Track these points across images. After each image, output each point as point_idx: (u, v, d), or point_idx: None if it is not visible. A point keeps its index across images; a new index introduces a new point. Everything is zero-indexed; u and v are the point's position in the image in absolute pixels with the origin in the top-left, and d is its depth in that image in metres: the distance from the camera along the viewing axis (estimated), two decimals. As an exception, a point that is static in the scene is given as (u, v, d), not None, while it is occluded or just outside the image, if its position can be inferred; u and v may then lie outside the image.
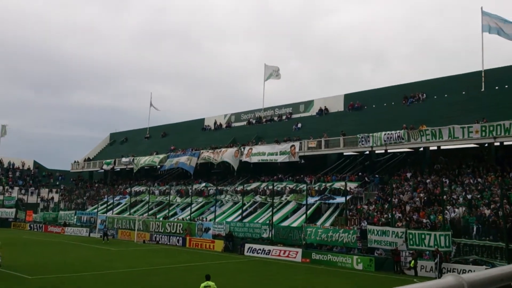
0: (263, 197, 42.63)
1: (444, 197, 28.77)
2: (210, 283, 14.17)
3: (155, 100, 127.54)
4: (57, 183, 75.43)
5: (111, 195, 55.23)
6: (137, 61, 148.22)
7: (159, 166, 56.54)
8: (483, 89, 37.79)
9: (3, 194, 65.56)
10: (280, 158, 44.46)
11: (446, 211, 28.11)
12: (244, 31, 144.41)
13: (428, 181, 34.08)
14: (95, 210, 53.44)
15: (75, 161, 74.41)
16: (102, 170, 68.11)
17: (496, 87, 37.68)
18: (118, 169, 65.09)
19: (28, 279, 21.25)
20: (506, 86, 37.35)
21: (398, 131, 36.11)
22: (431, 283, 1.84)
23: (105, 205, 54.37)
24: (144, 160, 58.23)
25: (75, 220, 53.28)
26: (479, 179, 31.78)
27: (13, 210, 60.73)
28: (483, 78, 37.68)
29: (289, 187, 41.60)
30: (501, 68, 38.23)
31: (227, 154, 48.63)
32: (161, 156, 56.41)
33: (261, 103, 57.00)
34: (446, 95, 40.45)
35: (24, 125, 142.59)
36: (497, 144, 33.18)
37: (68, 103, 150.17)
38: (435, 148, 38.09)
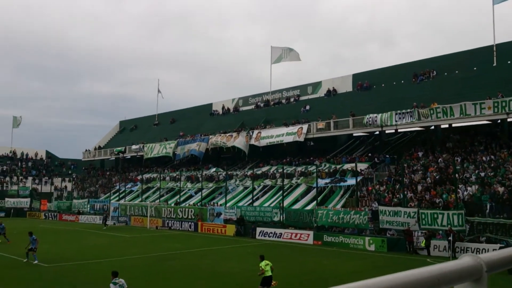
0: (273, 180, 42.65)
1: (457, 175, 28.49)
2: (267, 261, 14.54)
3: (162, 87, 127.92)
4: (70, 172, 76.21)
5: (122, 183, 55.67)
6: (143, 49, 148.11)
7: (172, 156, 56.63)
8: (495, 64, 37.10)
9: (18, 184, 66.47)
10: (286, 139, 44.30)
11: (458, 190, 27.88)
12: (249, 14, 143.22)
13: (440, 159, 33.76)
14: (108, 198, 53.95)
15: (86, 150, 75.00)
16: (113, 158, 68.59)
17: (509, 61, 36.91)
18: (129, 157, 65.47)
19: (45, 267, 21.57)
20: (519, 61, 36.62)
21: (408, 110, 35.70)
22: (449, 264, 1.79)
23: (117, 193, 54.87)
24: (157, 150, 58.35)
25: (88, 208, 53.90)
26: (492, 156, 31.40)
27: (28, 199, 61.62)
28: (494, 52, 36.96)
29: (299, 170, 41.54)
30: (513, 42, 37.45)
31: (239, 141, 48.50)
32: (172, 144, 56.48)
33: (269, 86, 56.71)
34: (457, 71, 39.79)
35: (34, 115, 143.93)
36: (510, 120, 32.69)
37: (77, 92, 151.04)
38: (447, 126, 37.62)
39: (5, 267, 21.68)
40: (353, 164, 35.17)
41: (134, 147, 62.23)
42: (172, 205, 46.09)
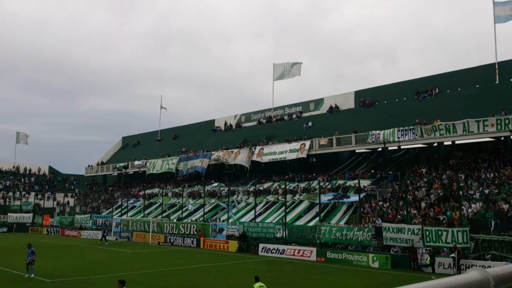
0: (275, 196, 42.56)
1: (460, 192, 28.41)
2: (262, 283, 14.37)
3: (165, 103, 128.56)
4: (72, 187, 76.20)
5: (125, 198, 55.62)
6: (147, 65, 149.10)
7: (175, 173, 56.60)
8: (497, 82, 37.30)
9: (20, 199, 66.41)
10: (289, 156, 44.35)
11: (462, 207, 27.77)
12: (251, 32, 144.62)
13: (443, 176, 33.70)
14: (110, 214, 53.80)
15: (89, 165, 75.08)
16: (116, 174, 68.60)
17: (511, 79, 37.13)
18: (131, 172, 65.53)
19: (47, 282, 21.48)
20: (521, 78, 36.81)
21: (411, 127, 35.78)
22: (456, 278, 1.77)
23: (119, 208, 54.78)
24: (159, 166, 58.38)
25: (90, 223, 53.75)
26: (496, 173, 31.34)
27: (31, 215, 61.45)
28: (496, 70, 37.19)
29: (301, 186, 41.47)
30: (515, 60, 37.69)
31: (241, 157, 48.56)
32: (175, 160, 56.54)
33: (271, 102, 56.96)
34: (459, 89, 39.96)
35: (38, 131, 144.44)
36: (513, 137, 32.68)
37: (80, 109, 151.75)
38: (450, 143, 37.65)
39: (7, 282, 21.59)
40: (356, 181, 35.12)
41: (136, 162, 62.33)
42: (174, 220, 45.94)
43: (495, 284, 1.84)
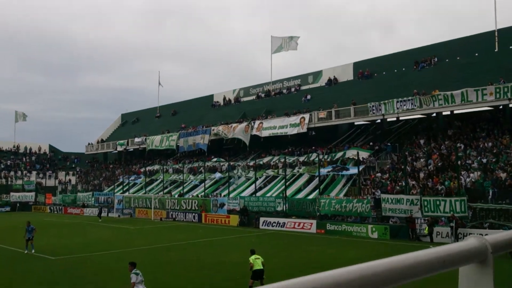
0: (275, 170, 42.75)
1: (459, 162, 28.53)
2: (257, 256, 14.56)
3: (164, 79, 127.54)
4: (73, 165, 76.48)
5: (126, 175, 55.87)
6: (144, 41, 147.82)
7: (176, 149, 56.71)
8: (496, 49, 36.93)
9: (22, 178, 66.80)
10: (290, 131, 44.35)
11: (461, 177, 27.93)
12: (248, 5, 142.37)
13: (442, 147, 33.77)
14: (112, 191, 54.22)
15: (89, 143, 75.20)
16: (116, 151, 68.80)
17: (511, 47, 36.74)
18: (131, 149, 65.67)
19: (52, 260, 21.79)
20: (520, 46, 36.45)
21: (409, 97, 35.63)
22: (454, 246, 1.80)
23: (121, 186, 55.14)
24: (159, 143, 58.47)
25: (93, 201, 54.20)
26: (494, 142, 31.39)
27: (33, 193, 61.94)
28: (496, 38, 36.77)
29: (300, 160, 41.61)
30: (515, 27, 37.24)
31: (238, 130, 48.67)
32: (175, 136, 56.57)
33: (269, 76, 56.64)
34: (458, 58, 39.61)
35: (37, 109, 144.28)
36: (512, 105, 32.61)
37: (78, 86, 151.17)
38: (448, 113, 37.57)
39: (10, 260, 21.90)
40: (355, 153, 35.22)
41: (137, 139, 62.41)
42: (176, 196, 46.31)
43: (492, 250, 1.87)
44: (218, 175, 47.43)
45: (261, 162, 44.63)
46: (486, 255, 1.86)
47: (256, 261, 14.39)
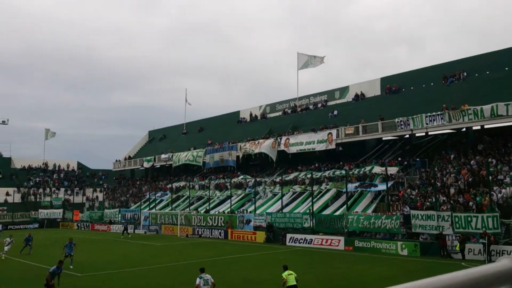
0: (302, 186, 42.45)
1: (490, 177, 27.76)
2: (290, 271, 14.49)
3: (190, 96, 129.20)
4: (101, 182, 77.75)
5: (152, 192, 56.40)
6: (170, 58, 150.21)
7: (202, 165, 56.99)
8: (526, 63, 36.12)
9: (51, 195, 68.18)
10: (318, 147, 44.10)
11: (492, 192, 27.15)
12: (274, 21, 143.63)
13: (472, 162, 32.98)
14: (139, 207, 54.75)
15: (116, 160, 76.41)
16: (143, 168, 69.67)
17: (541, 60, 35.90)
18: (158, 166, 66.39)
19: (79, 276, 22.01)
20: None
21: (438, 112, 35.04)
22: (486, 267, 1.74)
23: (147, 202, 55.62)
24: (185, 158, 58.91)
25: (119, 217, 54.80)
26: (527, 157, 30.45)
27: (61, 210, 63.06)
28: (525, 52, 36.00)
29: (327, 175, 41.24)
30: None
31: (265, 146, 48.69)
32: (201, 152, 56.94)
33: (296, 92, 56.69)
34: (487, 72, 38.91)
35: (65, 127, 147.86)
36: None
37: (105, 104, 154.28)
38: (479, 127, 36.72)
39: (38, 277, 22.17)
40: (383, 168, 34.69)
41: (163, 156, 63.12)
42: (202, 212, 46.40)
43: None
44: (243, 191, 47.38)
45: (287, 178, 44.42)
46: None
47: (290, 277, 14.27)
